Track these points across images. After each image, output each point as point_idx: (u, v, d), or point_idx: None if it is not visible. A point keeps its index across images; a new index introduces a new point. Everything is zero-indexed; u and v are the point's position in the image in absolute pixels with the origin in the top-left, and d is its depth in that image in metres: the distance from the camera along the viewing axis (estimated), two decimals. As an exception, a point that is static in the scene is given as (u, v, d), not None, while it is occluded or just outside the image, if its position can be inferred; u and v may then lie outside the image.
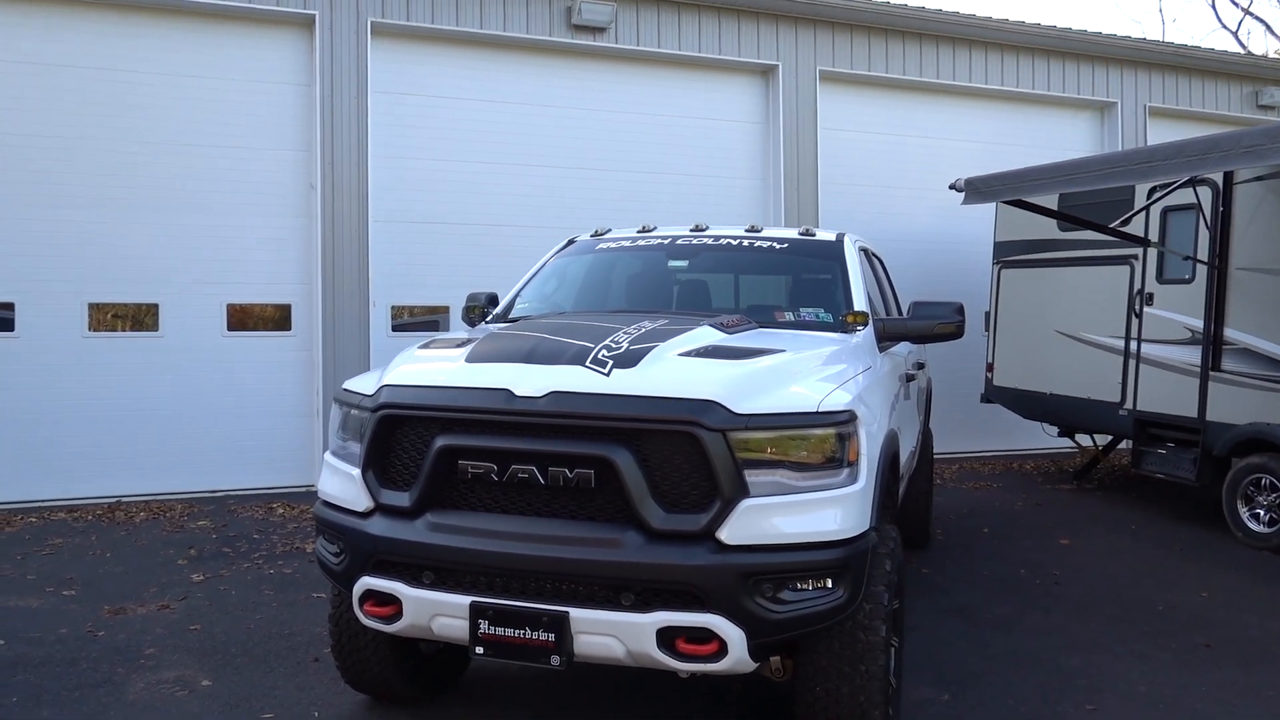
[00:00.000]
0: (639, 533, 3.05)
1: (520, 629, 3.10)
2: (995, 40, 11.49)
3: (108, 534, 7.29)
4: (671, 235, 5.20)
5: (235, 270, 8.96)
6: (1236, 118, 12.47)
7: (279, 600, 5.62)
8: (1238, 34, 34.92)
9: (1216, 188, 7.53)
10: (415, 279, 9.56)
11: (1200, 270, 7.65)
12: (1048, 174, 7.49)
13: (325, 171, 9.04)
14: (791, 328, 4.40)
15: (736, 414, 3.05)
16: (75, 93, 8.50)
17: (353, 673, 3.94)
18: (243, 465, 8.93)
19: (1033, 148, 11.37)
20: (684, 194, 10.36)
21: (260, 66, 9.05)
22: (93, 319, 8.62)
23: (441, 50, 9.63)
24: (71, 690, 4.26)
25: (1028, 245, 9.50)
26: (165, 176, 8.75)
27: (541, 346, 3.42)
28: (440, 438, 3.25)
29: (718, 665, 3.04)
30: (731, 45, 10.48)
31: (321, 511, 3.60)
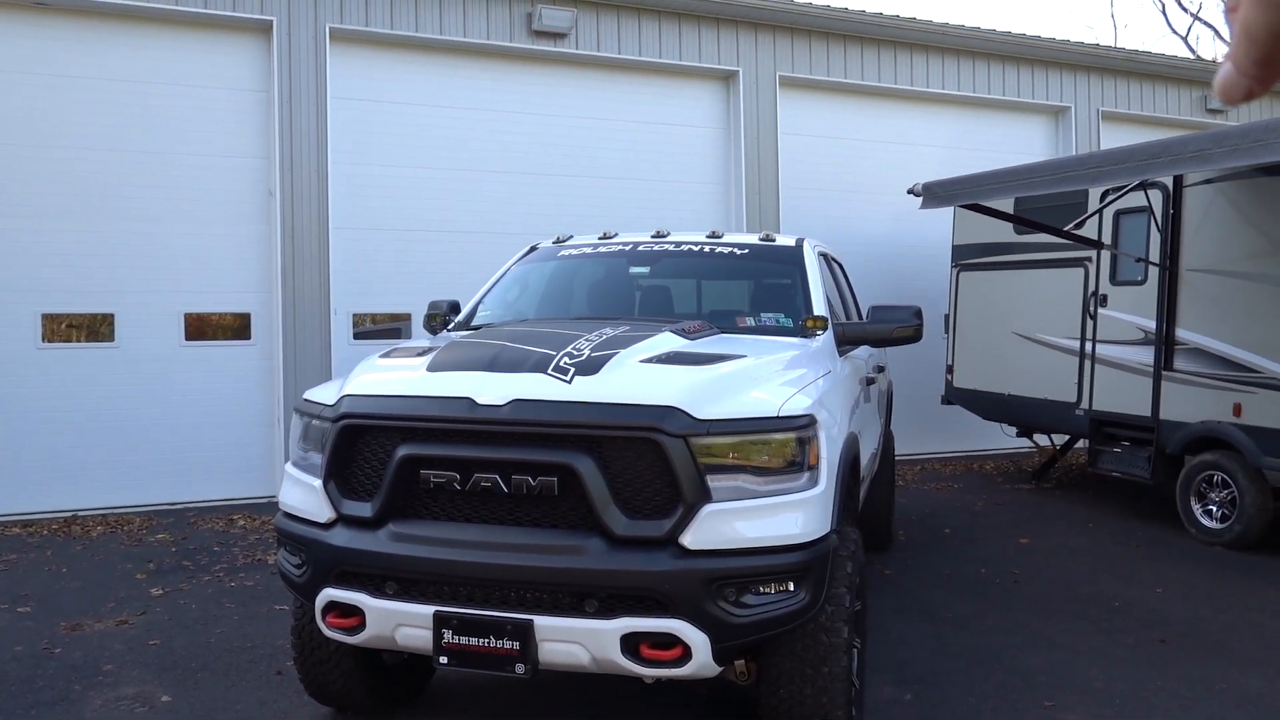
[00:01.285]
0: (602, 539, 3.06)
1: (484, 638, 3.10)
2: (952, 46, 11.66)
3: (64, 549, 7.15)
4: (633, 242, 5.22)
5: (193, 279, 8.84)
6: (1187, 121, 12.75)
7: (240, 613, 5.55)
8: (1187, 39, 35.70)
9: (1167, 191, 7.69)
10: (377, 287, 9.50)
11: (1152, 272, 7.81)
12: (1003, 178, 7.61)
13: (284, 178, 8.95)
14: (752, 333, 4.43)
15: (698, 419, 3.08)
16: (25, 99, 8.34)
17: (316, 685, 3.91)
18: (202, 476, 8.81)
19: (989, 152, 11.55)
20: (646, 200, 10.39)
21: (217, 73, 8.95)
22: (46, 329, 8.46)
23: (401, 56, 9.58)
24: (28, 709, 4.18)
25: (985, 248, 9.64)
26: (119, 184, 8.61)
27: (503, 355, 3.42)
28: (402, 447, 3.24)
29: (682, 670, 3.06)
30: (692, 51, 10.53)
31: (283, 523, 3.57)
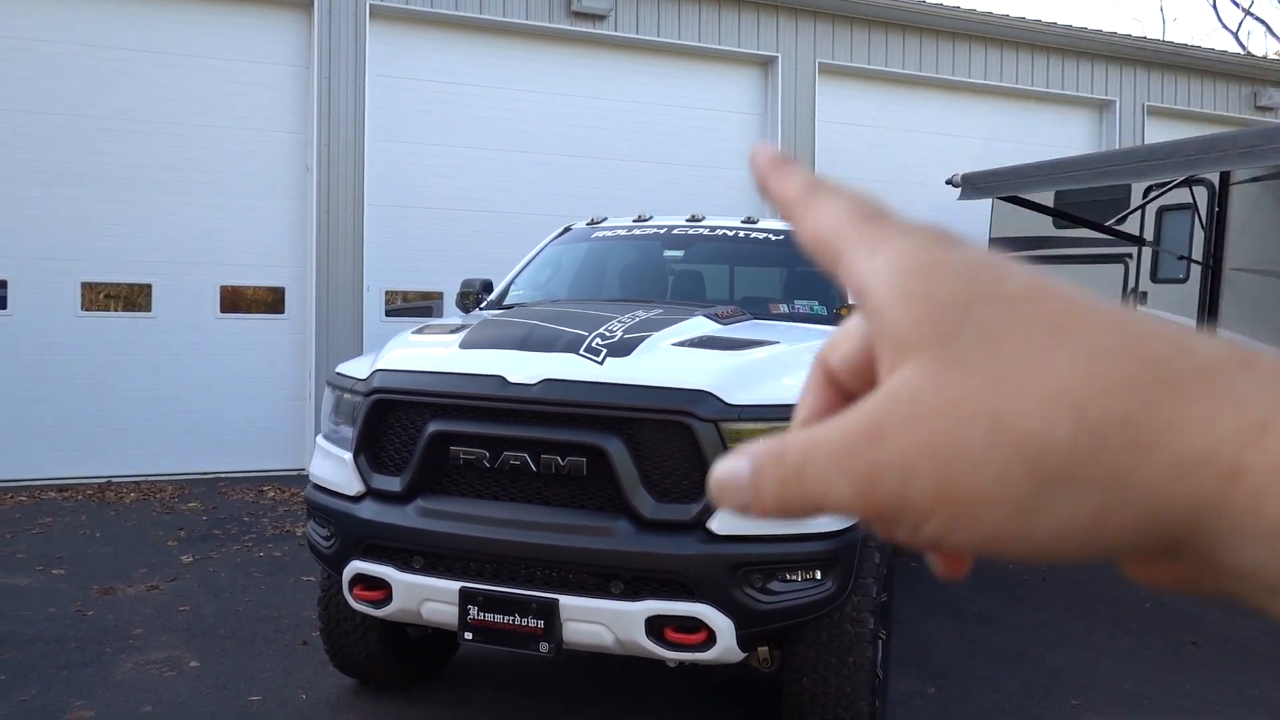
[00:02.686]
0: (629, 521, 3.05)
1: (509, 615, 3.10)
2: (995, 36, 11.48)
3: (98, 514, 7.27)
4: (667, 225, 5.20)
5: (229, 252, 8.93)
6: (1235, 118, 12.49)
7: (268, 583, 5.62)
8: (1238, 34, 34.98)
9: (1213, 188, 7.54)
10: (410, 264, 9.54)
11: (1195, 270, 7.67)
12: (1044, 171, 7.49)
13: (321, 154, 9.00)
14: (786, 319, 4.40)
15: (729, 405, 3.06)
16: (68, 71, 8.44)
17: (341, 656, 3.95)
18: (233, 448, 8.92)
19: (1030, 144, 11.37)
20: (681, 184, 10.35)
21: (258, 48, 9.00)
22: (85, 298, 8.58)
23: (440, 35, 9.58)
24: (59, 669, 4.26)
25: (1023, 242, 9.51)
26: (159, 156, 8.70)
27: (535, 334, 3.42)
28: (433, 423, 3.25)
29: (706, 655, 3.05)
30: (731, 36, 10.45)
31: (312, 495, 3.60)
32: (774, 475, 0.34)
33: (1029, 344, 0.31)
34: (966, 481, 0.30)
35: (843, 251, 0.35)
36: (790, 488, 0.34)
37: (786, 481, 0.34)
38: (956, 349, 0.31)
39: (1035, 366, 0.30)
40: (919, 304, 0.32)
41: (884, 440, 0.32)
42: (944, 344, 0.32)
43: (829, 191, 0.37)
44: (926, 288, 0.33)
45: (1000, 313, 0.31)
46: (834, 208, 0.36)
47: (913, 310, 0.32)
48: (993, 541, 0.31)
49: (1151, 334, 0.31)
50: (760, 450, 0.35)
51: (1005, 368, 0.31)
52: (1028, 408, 0.30)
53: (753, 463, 0.34)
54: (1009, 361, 0.31)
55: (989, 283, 0.32)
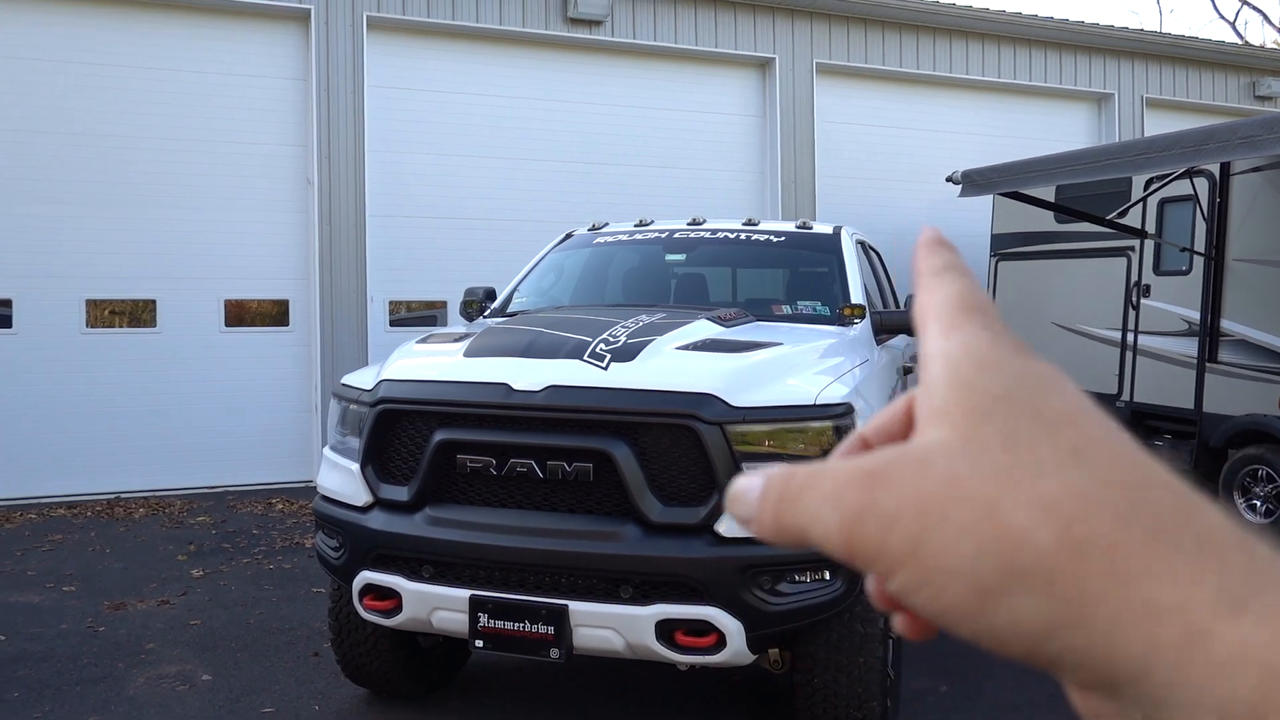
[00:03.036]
0: (637, 526, 3.06)
1: (519, 622, 3.11)
2: (992, 32, 11.49)
3: (107, 530, 7.29)
4: (669, 229, 5.21)
5: (232, 266, 8.95)
6: (1234, 109, 12.47)
7: (279, 595, 5.63)
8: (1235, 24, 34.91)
9: (1213, 179, 7.53)
10: (412, 274, 9.56)
11: (1197, 262, 7.66)
12: (1044, 166, 7.49)
13: (322, 166, 9.02)
14: (789, 321, 4.41)
15: (734, 407, 3.06)
16: (69, 88, 8.47)
17: (352, 667, 3.96)
18: (241, 461, 8.94)
19: (1030, 139, 11.37)
20: (681, 187, 10.36)
21: (256, 61, 9.03)
22: (90, 315, 8.61)
23: (438, 44, 9.61)
24: (73, 685, 4.27)
25: (1024, 237, 9.51)
26: (161, 172, 8.73)
27: (539, 341, 3.43)
28: (439, 432, 3.26)
29: (716, 657, 3.05)
30: (728, 38, 10.47)
31: (321, 506, 3.61)
32: (776, 491, 0.36)
33: (1044, 455, 0.32)
34: (941, 550, 0.32)
35: (928, 325, 0.38)
36: (786, 509, 0.35)
37: (784, 502, 0.35)
38: (980, 434, 0.33)
39: (1043, 475, 0.32)
40: (962, 388, 0.35)
41: (881, 487, 0.33)
42: (970, 425, 0.34)
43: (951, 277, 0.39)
44: (975, 377, 0.35)
45: (1030, 423, 0.33)
46: (943, 291, 0.39)
47: (955, 391, 0.35)
48: (948, 615, 0.32)
49: (1162, 485, 0.32)
50: (774, 471, 0.37)
51: (1016, 467, 0.32)
52: (1021, 506, 0.31)
53: (764, 481, 0.37)
54: (1022, 464, 0.32)
55: (1031, 396, 0.34)
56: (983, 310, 0.38)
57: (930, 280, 0.40)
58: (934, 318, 0.38)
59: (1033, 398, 0.34)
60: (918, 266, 0.41)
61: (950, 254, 0.41)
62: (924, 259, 0.41)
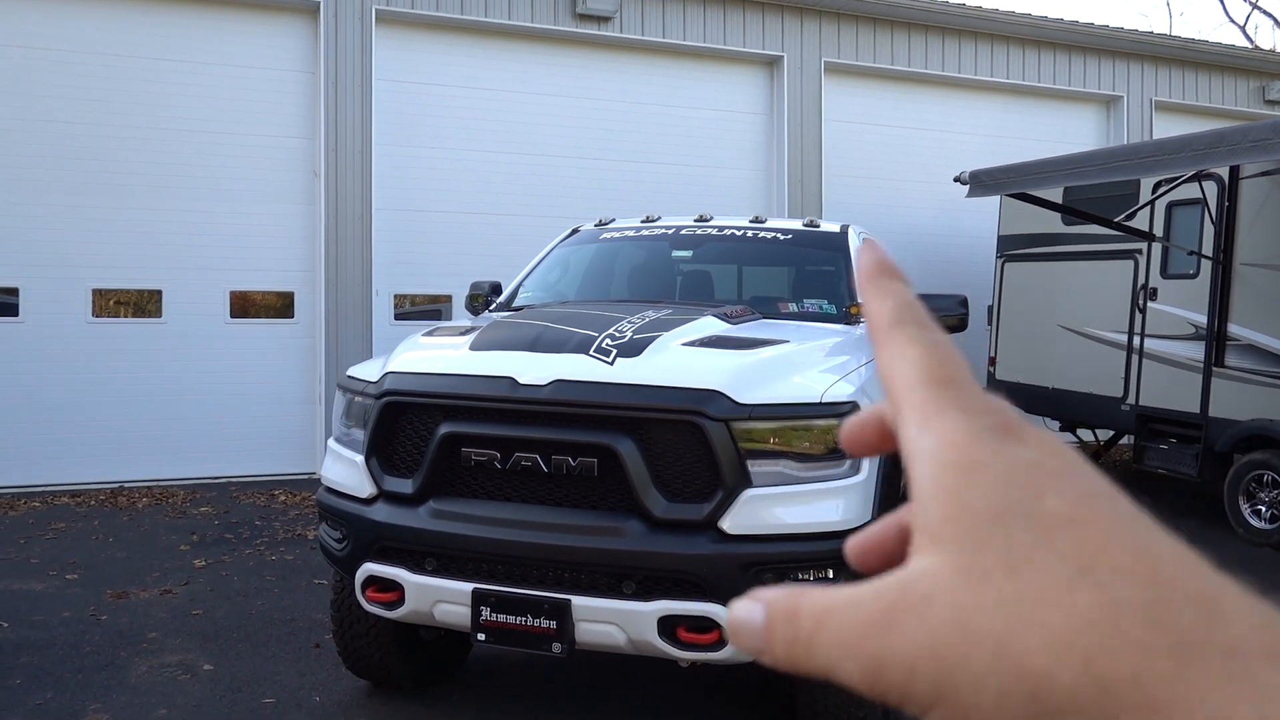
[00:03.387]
0: (641, 521, 3.06)
1: (522, 616, 3.11)
2: (1001, 33, 11.46)
3: (110, 519, 7.31)
4: (675, 225, 5.20)
5: (238, 257, 8.96)
6: (1243, 112, 12.43)
7: (280, 586, 5.64)
8: (1245, 28, 34.82)
9: (1222, 182, 7.51)
10: (418, 268, 9.56)
11: (1205, 265, 7.63)
12: (1053, 167, 7.47)
13: (329, 159, 9.03)
14: (795, 319, 4.40)
15: (740, 404, 3.06)
16: (76, 79, 8.48)
17: (354, 658, 3.96)
18: (245, 452, 8.95)
19: (1038, 141, 11.34)
20: (688, 184, 10.35)
21: (264, 53, 9.03)
22: (96, 305, 8.62)
23: (446, 38, 9.60)
24: (74, 673, 4.28)
25: (1032, 239, 9.49)
26: (168, 163, 8.74)
27: (545, 335, 3.42)
28: (444, 425, 3.25)
29: (718, 654, 3.05)
30: (736, 36, 10.45)
31: (325, 498, 3.61)
32: (785, 635, 0.34)
33: (1050, 577, 0.30)
34: (966, 693, 0.30)
35: (900, 411, 0.36)
36: (799, 653, 0.34)
37: (796, 646, 0.34)
38: (978, 560, 0.32)
39: (1051, 603, 0.30)
40: (951, 503, 0.33)
41: (893, 633, 0.32)
42: (968, 552, 0.32)
43: (911, 335, 0.37)
44: (961, 488, 0.33)
45: (1029, 536, 0.31)
46: (907, 360, 0.37)
47: (945, 507, 0.33)
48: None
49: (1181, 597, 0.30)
50: (775, 602, 0.35)
51: (1021, 595, 0.30)
52: (1036, 644, 0.30)
53: (766, 613, 0.35)
54: (1026, 589, 0.30)
55: (1026, 497, 0.32)
56: (954, 382, 0.35)
57: (887, 338, 0.38)
58: (905, 400, 0.36)
59: (1027, 502, 0.32)
60: (868, 310, 0.39)
61: (898, 289, 0.39)
62: (873, 299, 0.39)
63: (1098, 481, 0.33)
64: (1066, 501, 0.32)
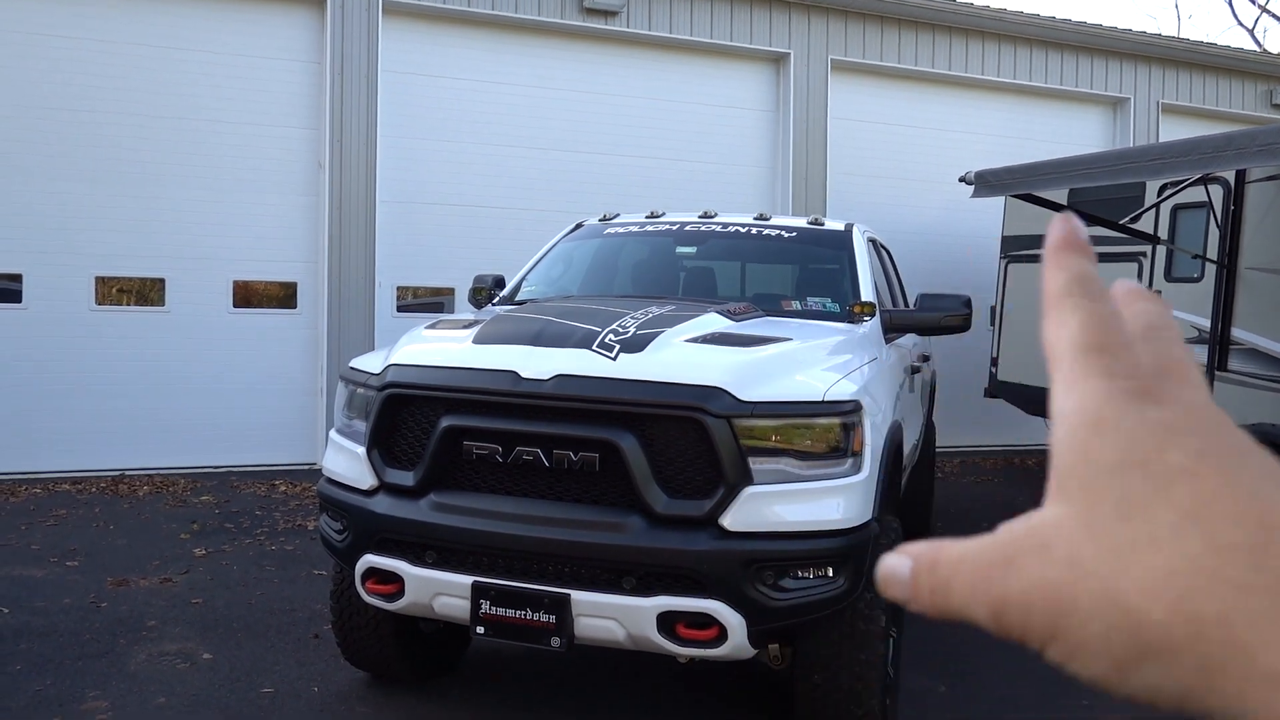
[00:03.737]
0: (642, 517, 3.06)
1: (521, 610, 3.12)
2: (1008, 33, 11.43)
3: (111, 506, 7.32)
4: (680, 221, 5.19)
5: (242, 247, 8.96)
6: (1250, 116, 12.40)
7: (280, 576, 5.65)
8: (1254, 32, 34.70)
9: (1228, 186, 7.49)
10: (421, 260, 9.56)
11: (1209, 269, 7.62)
12: (1058, 168, 7.45)
13: (334, 150, 9.02)
14: (798, 317, 4.39)
15: (742, 401, 3.06)
16: (82, 67, 8.48)
17: (353, 650, 3.97)
18: (246, 442, 8.96)
19: (1044, 142, 11.32)
20: (692, 180, 10.34)
21: (271, 44, 9.03)
22: (99, 292, 8.63)
23: (452, 31, 9.59)
24: (74, 660, 4.29)
25: (1036, 240, 9.47)
26: (173, 151, 8.74)
27: (548, 329, 3.42)
28: (445, 418, 3.26)
29: (717, 651, 3.05)
30: (743, 32, 10.43)
31: (326, 489, 3.61)
32: (927, 583, 0.37)
33: (1160, 523, 0.32)
34: (1075, 631, 0.33)
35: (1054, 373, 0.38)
36: (939, 599, 0.37)
37: (936, 592, 0.37)
38: (1095, 512, 0.34)
39: (1157, 547, 0.32)
40: (1078, 458, 0.35)
41: (1013, 574, 0.35)
42: (1086, 503, 0.34)
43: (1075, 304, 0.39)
44: (1088, 444, 0.35)
45: (1145, 485, 0.33)
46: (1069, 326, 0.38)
47: (1071, 462, 0.35)
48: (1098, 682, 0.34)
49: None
50: (918, 554, 0.38)
51: (1131, 540, 0.33)
52: (1137, 585, 0.32)
53: (912, 566, 0.38)
54: (1137, 535, 0.33)
55: (1148, 451, 0.34)
56: (1104, 349, 0.37)
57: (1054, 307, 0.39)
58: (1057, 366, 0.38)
59: (1148, 456, 0.34)
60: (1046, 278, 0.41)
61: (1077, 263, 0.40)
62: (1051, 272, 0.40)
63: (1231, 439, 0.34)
64: (1188, 455, 0.33)
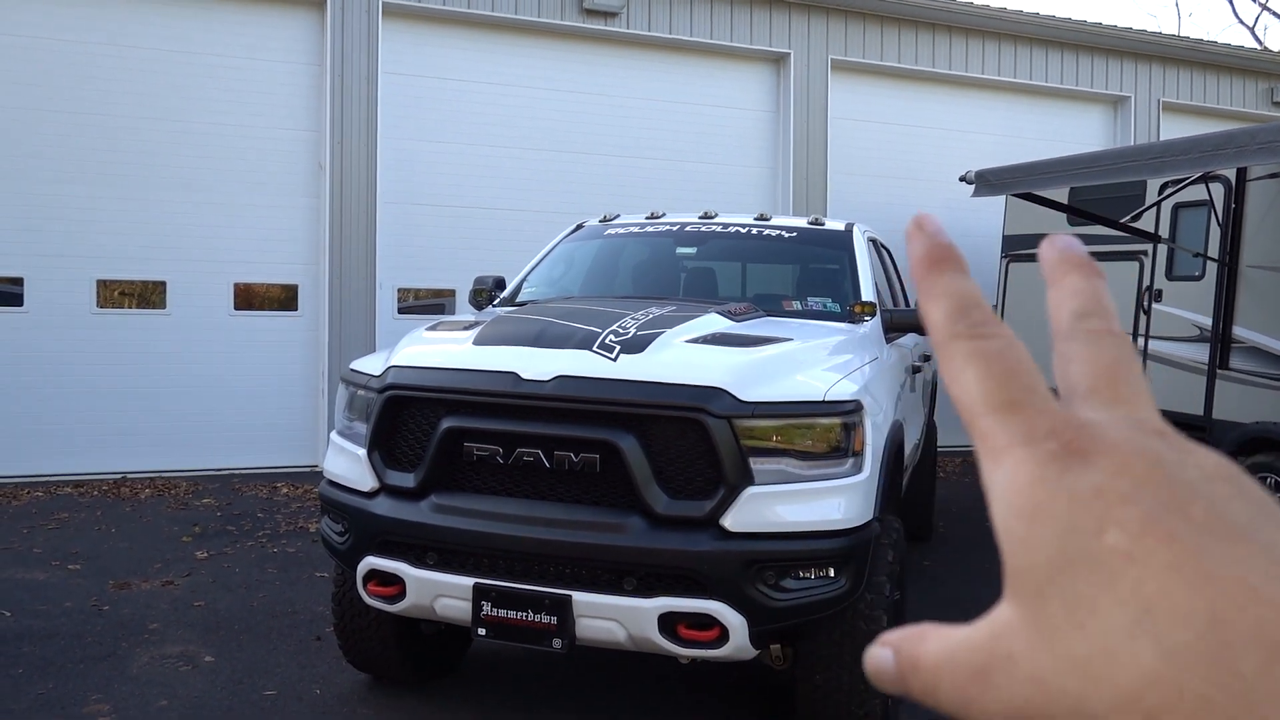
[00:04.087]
0: (643, 518, 3.06)
1: (523, 611, 3.11)
2: (1008, 32, 11.43)
3: (113, 509, 7.32)
4: (680, 222, 5.19)
5: (243, 249, 8.97)
6: (1251, 114, 12.39)
7: (282, 579, 5.65)
8: (1254, 29, 34.69)
9: (1229, 184, 7.48)
10: (422, 262, 9.56)
11: (1210, 267, 7.61)
12: (1059, 167, 7.45)
13: (334, 152, 9.02)
14: (799, 317, 4.39)
15: (743, 401, 3.05)
16: (83, 69, 8.48)
17: (355, 652, 3.96)
18: (247, 444, 8.96)
19: (1044, 141, 11.32)
20: (693, 181, 10.34)
21: (271, 46, 9.03)
22: (101, 295, 8.63)
23: (452, 32, 9.60)
24: (77, 663, 4.29)
25: (1036, 239, 9.42)
26: (174, 154, 8.74)
27: (549, 330, 3.42)
28: (446, 419, 3.26)
29: (718, 651, 3.05)
30: (743, 32, 10.43)
31: (327, 491, 3.61)
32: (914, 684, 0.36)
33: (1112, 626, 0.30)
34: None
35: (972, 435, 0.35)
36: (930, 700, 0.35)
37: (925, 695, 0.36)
38: (1044, 614, 0.31)
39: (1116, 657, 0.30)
40: (1020, 553, 0.33)
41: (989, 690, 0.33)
42: (1038, 607, 0.32)
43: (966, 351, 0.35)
44: (1026, 538, 0.32)
45: (1091, 582, 0.31)
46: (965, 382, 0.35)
47: (1015, 558, 0.33)
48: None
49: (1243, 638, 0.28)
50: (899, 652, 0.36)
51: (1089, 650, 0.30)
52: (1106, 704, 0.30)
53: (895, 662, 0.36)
54: (1094, 643, 0.30)
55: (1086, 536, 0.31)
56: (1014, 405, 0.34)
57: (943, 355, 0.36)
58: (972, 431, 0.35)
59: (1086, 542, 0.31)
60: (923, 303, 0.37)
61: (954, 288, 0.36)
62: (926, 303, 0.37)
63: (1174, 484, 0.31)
64: (1128, 534, 0.31)
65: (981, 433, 0.34)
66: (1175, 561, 0.30)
